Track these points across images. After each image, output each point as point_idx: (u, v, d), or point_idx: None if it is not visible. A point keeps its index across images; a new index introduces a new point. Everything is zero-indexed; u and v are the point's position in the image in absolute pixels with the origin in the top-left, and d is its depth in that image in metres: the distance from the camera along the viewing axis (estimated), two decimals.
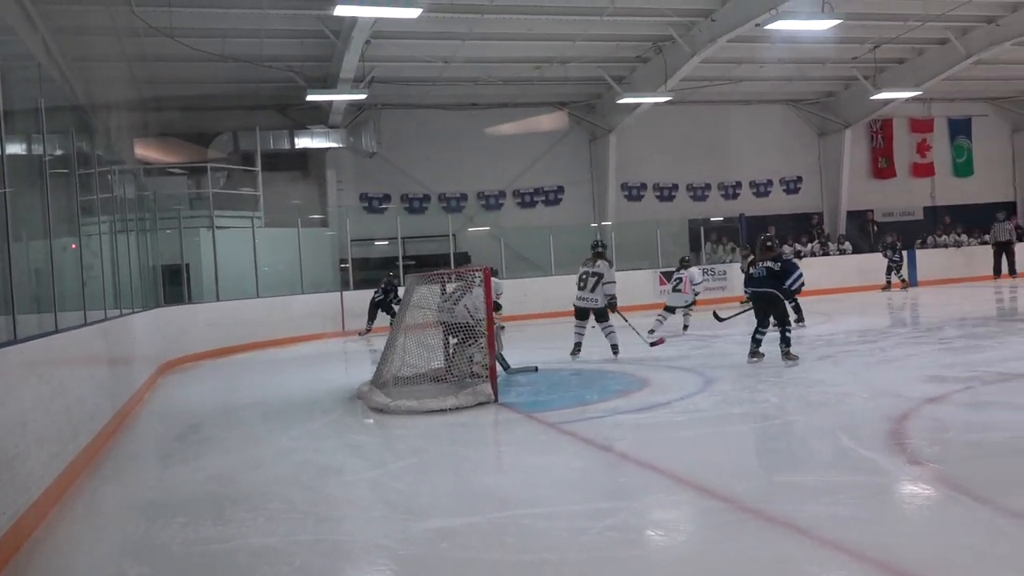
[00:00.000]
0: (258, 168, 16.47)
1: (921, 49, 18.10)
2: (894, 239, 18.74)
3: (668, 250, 18.02)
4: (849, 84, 19.97)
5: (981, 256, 19.86)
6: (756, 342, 8.73)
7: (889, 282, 18.35)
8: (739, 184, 21.08)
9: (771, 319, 8.63)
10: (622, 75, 17.73)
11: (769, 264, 8.56)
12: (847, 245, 19.52)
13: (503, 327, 8.40)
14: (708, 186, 20.85)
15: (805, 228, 20.50)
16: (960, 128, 22.97)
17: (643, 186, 20.41)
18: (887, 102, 19.59)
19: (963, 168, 22.95)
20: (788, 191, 21.49)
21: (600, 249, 10.02)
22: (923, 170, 22.51)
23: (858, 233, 20.93)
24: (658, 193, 20.52)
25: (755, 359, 8.66)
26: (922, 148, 22.53)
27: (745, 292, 8.82)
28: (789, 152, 21.43)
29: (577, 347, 9.88)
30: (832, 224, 21.35)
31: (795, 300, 10.59)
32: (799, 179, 21.53)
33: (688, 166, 20.55)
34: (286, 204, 17.33)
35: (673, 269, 12.86)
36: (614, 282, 9.84)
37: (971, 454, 4.93)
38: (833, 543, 3.64)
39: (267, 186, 16.64)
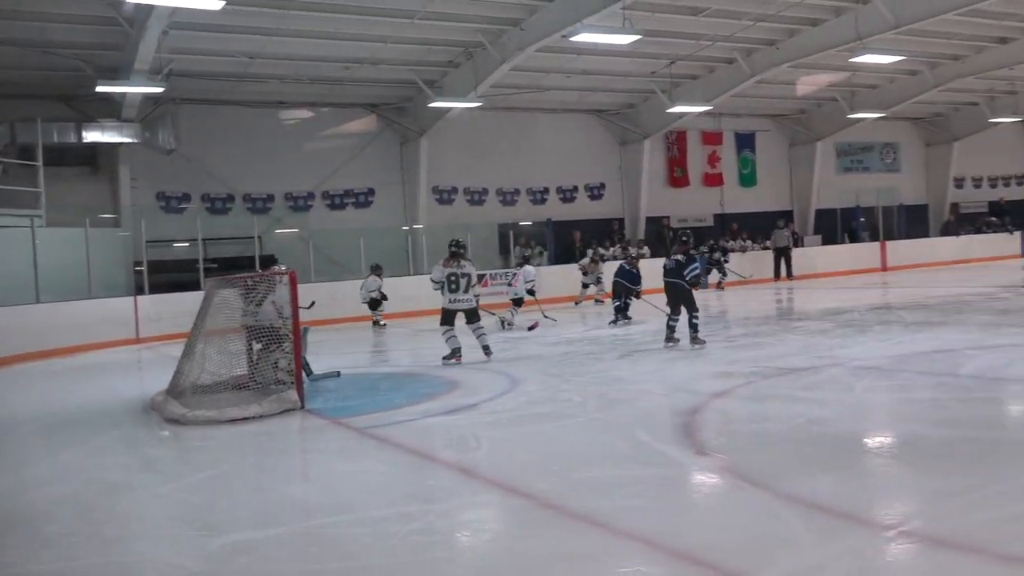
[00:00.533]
0: (39, 163, 15.13)
1: (712, 67, 19.40)
2: (715, 243, 20.02)
3: (479, 254, 18.24)
4: (648, 97, 21.08)
5: (765, 260, 21.56)
6: (671, 328, 9.76)
7: (720, 283, 19.49)
8: (547, 190, 21.72)
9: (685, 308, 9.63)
10: (433, 79, 17.80)
11: (679, 257, 9.66)
12: (646, 250, 20.58)
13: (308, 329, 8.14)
14: (517, 191, 21.33)
15: (608, 233, 21.42)
16: (746, 142, 24.85)
17: (454, 190, 20.58)
18: (682, 115, 20.84)
19: (748, 179, 24.83)
20: (592, 197, 22.37)
21: (459, 249, 9.86)
22: (713, 180, 24.15)
23: (655, 238, 22.15)
24: (468, 197, 20.75)
25: (671, 344, 9.63)
26: (712, 159, 24.16)
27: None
28: (593, 160, 22.32)
29: (457, 352, 9.54)
30: (632, 229, 22.45)
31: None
32: (602, 186, 22.47)
33: (498, 171, 20.93)
34: (73, 202, 16.04)
35: (501, 271, 13.12)
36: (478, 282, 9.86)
37: (752, 443, 5.33)
38: (629, 534, 3.82)
39: (50, 182, 15.31)
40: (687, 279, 9.55)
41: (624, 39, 13.77)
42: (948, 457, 4.75)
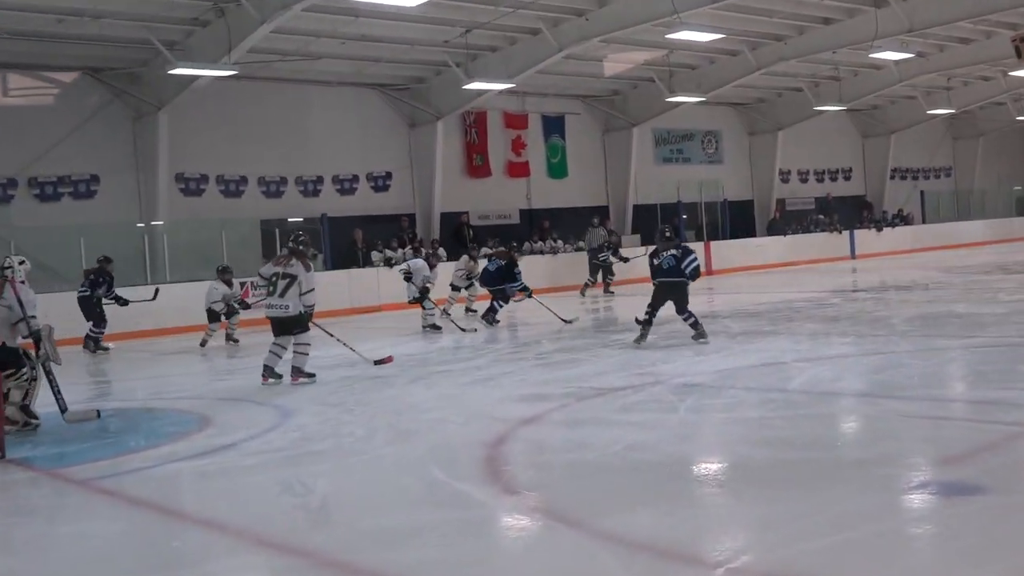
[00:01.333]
0: None
1: (514, 38, 19.94)
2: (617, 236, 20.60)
3: (236, 256, 17.74)
4: (441, 71, 21.34)
5: (581, 263, 22.40)
6: (645, 330, 10.74)
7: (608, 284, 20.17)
8: (320, 179, 21.44)
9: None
10: (175, 39, 17.10)
11: (673, 252, 10.74)
12: (442, 251, 20.83)
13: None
14: (284, 180, 20.92)
15: (396, 231, 21.44)
16: (554, 126, 25.71)
17: (204, 178, 19.88)
18: (480, 93, 21.25)
19: (558, 169, 25.70)
20: (376, 188, 22.33)
21: (299, 245, 9.59)
22: (519, 169, 24.80)
23: (453, 237, 22.44)
24: (223, 187, 20.12)
25: (642, 341, 10.70)
26: (517, 145, 24.80)
27: (653, 283, 10.94)
28: (377, 144, 22.29)
29: (271, 371, 9.48)
30: (425, 227, 22.62)
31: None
32: (388, 175, 22.49)
33: (260, 156, 20.43)
34: None
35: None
36: (313, 289, 9.56)
37: (566, 476, 5.53)
38: None
39: None
40: (688, 273, 10.75)
41: (410, 0, 13.89)
42: (777, 481, 5.12)
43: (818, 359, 9.25)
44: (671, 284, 10.79)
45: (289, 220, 20.28)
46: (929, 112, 30.80)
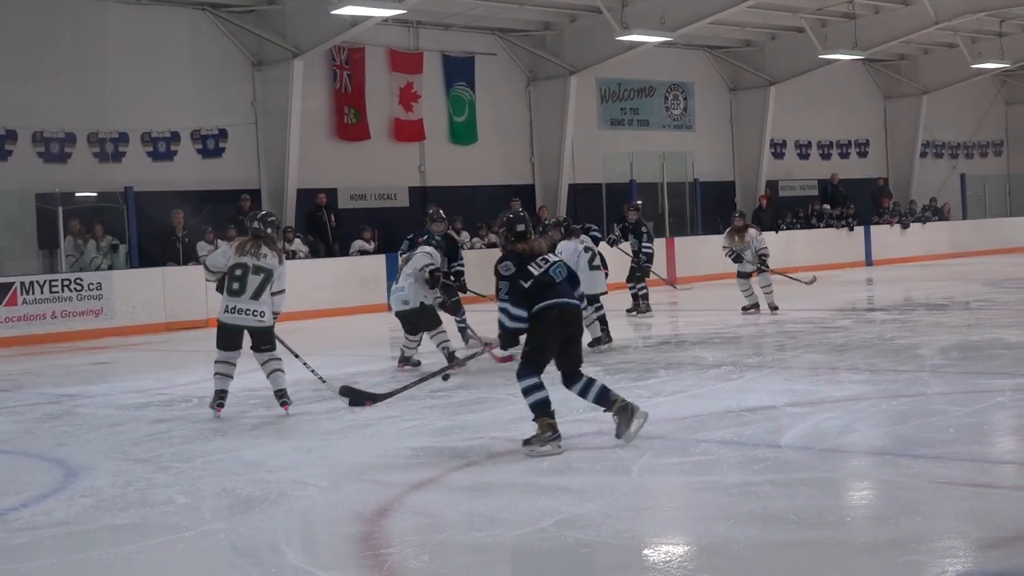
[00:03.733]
0: None
1: None
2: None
3: (2, 241, 17.47)
4: None
5: (491, 261, 22.42)
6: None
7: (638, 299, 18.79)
8: (124, 138, 21.15)
9: None
10: None
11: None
12: (298, 243, 20.73)
13: None
14: (71, 138, 20.58)
15: (232, 214, 21.19)
16: (460, 71, 25.74)
17: None
18: (356, 21, 21.18)
19: (464, 131, 25.74)
20: (205, 153, 22.11)
21: (265, 228, 9.89)
22: (409, 131, 24.76)
23: (311, 224, 22.29)
24: None
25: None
26: (408, 97, 24.80)
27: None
28: (207, 90, 22.03)
29: (218, 398, 9.90)
30: (275, 208, 22.38)
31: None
32: (223, 135, 22.27)
33: (34, 101, 20.07)
34: None
35: None
36: (283, 291, 9.89)
37: (472, 563, 5.57)
38: None
39: None
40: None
41: None
42: (765, 572, 5.24)
43: (820, 403, 9.44)
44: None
45: (77, 195, 19.98)
46: (975, 66, 31.67)
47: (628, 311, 17.68)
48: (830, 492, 6.81)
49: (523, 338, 8.03)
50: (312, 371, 10.52)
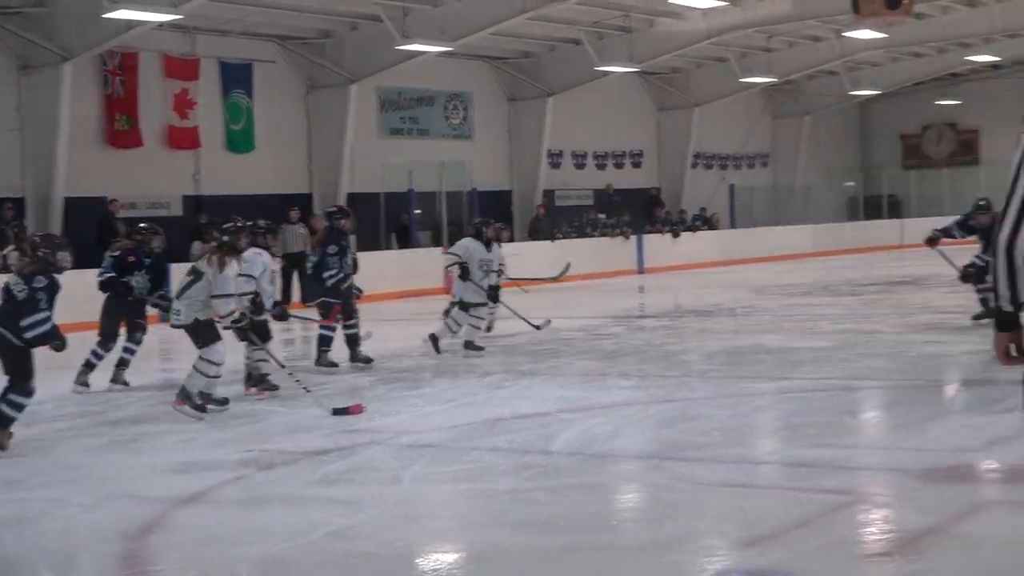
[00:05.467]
0: None
1: None
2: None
3: None
4: None
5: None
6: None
7: None
8: None
9: None
10: None
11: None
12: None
13: None
14: None
15: None
16: (237, 78, 25.33)
17: None
18: (130, 25, 20.66)
19: (241, 140, 25.34)
20: None
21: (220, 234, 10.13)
22: (183, 138, 24.23)
23: (101, 230, 21.58)
24: None
25: None
26: (183, 104, 24.26)
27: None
28: None
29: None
30: (40, 217, 21.64)
31: None
32: None
33: None
34: None
35: None
36: (231, 295, 9.90)
37: None
38: None
39: None
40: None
41: None
42: None
43: (591, 409, 9.63)
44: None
45: None
46: (743, 80, 32.75)
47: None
48: (598, 496, 6.96)
49: None
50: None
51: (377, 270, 24.20)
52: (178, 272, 20.97)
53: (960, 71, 38.52)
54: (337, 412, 9.57)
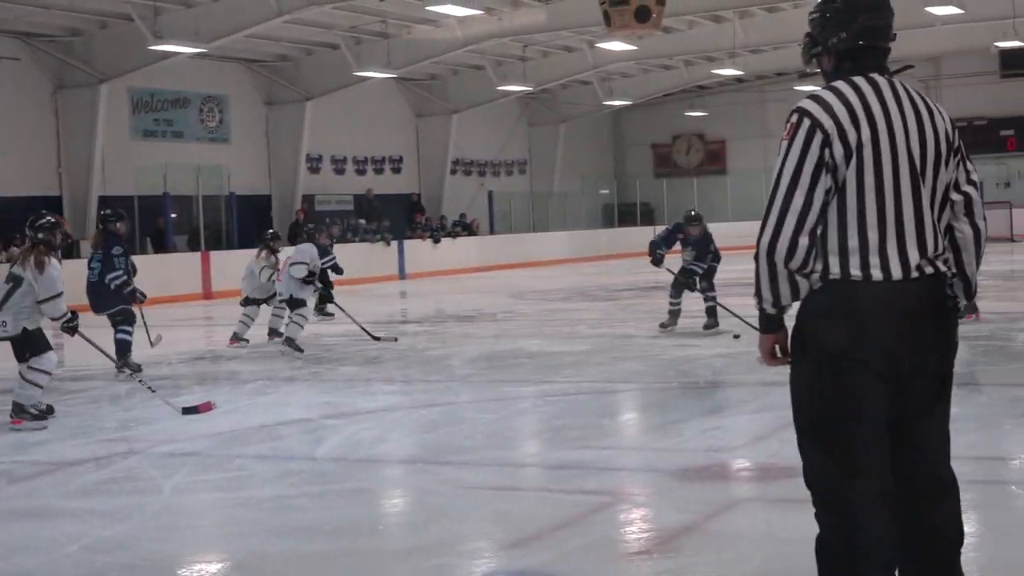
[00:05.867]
0: None
1: None
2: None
3: None
4: None
5: None
6: None
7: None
8: None
9: None
10: None
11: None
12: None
13: None
14: None
15: None
16: None
17: None
18: None
19: None
20: None
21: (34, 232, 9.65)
22: None
23: None
24: None
25: None
26: None
27: None
28: None
29: None
30: None
31: None
32: None
33: None
34: None
35: None
36: (59, 294, 9.38)
37: None
38: None
39: None
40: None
41: None
42: None
43: (355, 414, 9.65)
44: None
45: None
46: (500, 88, 33.23)
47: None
48: (364, 501, 6.97)
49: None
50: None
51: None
52: None
53: (707, 84, 40.01)
54: (187, 411, 9.32)
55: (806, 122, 3.50)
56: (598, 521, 6.24)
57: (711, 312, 14.31)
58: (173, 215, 26.15)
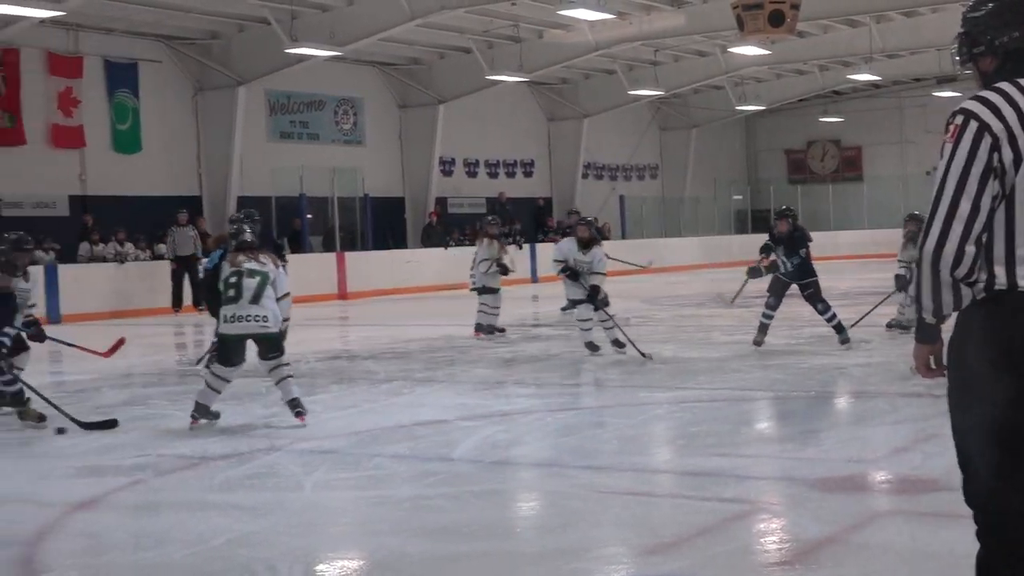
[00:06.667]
0: None
1: None
2: None
3: None
4: None
5: (159, 277, 22.07)
6: None
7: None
8: None
9: None
10: None
11: None
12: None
13: None
14: None
15: None
16: (123, 78, 25.03)
17: None
18: (9, 21, 20.34)
19: (128, 140, 25.04)
20: None
21: (243, 228, 9.39)
22: (68, 137, 23.88)
23: None
24: None
25: None
26: (67, 102, 23.91)
27: None
28: None
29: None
30: None
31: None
32: None
33: None
34: None
35: None
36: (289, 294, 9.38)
37: None
38: None
39: None
40: None
41: None
42: None
43: (490, 416, 9.68)
44: None
45: None
46: (632, 93, 33.13)
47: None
48: (499, 504, 7.01)
49: None
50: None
51: None
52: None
53: (842, 89, 39.40)
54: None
55: (973, 124, 3.40)
56: (736, 529, 6.19)
57: (839, 328, 13.68)
58: (309, 216, 26.54)
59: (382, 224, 28.35)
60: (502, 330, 15.90)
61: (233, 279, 9.14)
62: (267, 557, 5.78)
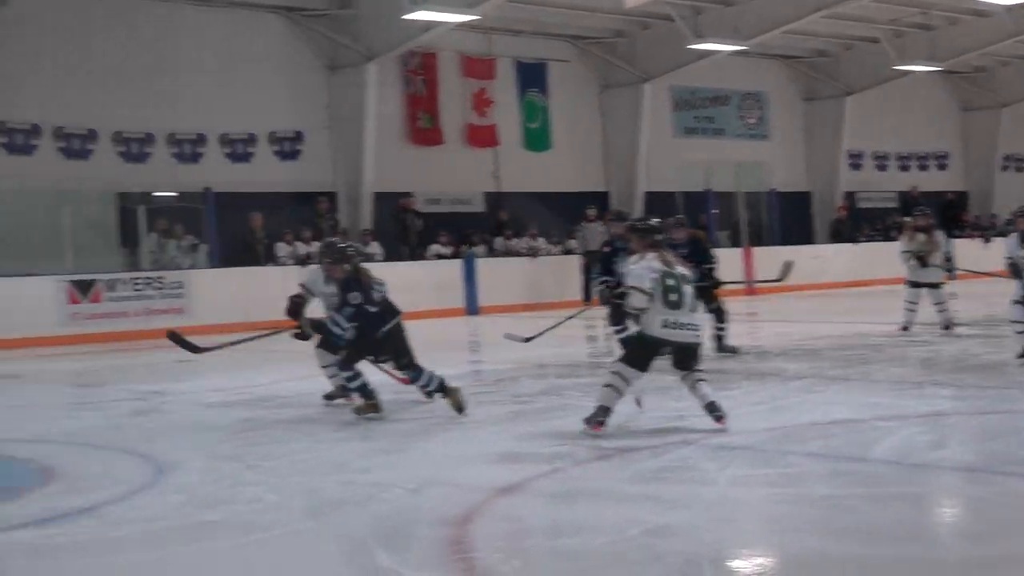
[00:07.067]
0: None
1: None
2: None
3: (84, 244, 17.77)
4: None
5: (569, 271, 22.57)
6: None
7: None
8: (202, 139, 21.39)
9: None
10: None
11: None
12: (375, 245, 20.82)
13: None
14: (150, 138, 20.84)
15: (312, 216, 21.43)
16: (533, 78, 25.81)
17: (36, 130, 19.81)
18: (429, 26, 21.29)
19: (538, 138, 25.79)
20: (283, 155, 22.32)
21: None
22: (482, 136, 24.85)
23: (394, 227, 22.38)
24: (63, 144, 20.05)
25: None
26: (481, 103, 24.87)
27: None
28: (287, 94, 22.27)
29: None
30: (352, 211, 22.56)
31: None
32: (298, 137, 22.46)
33: (115, 102, 20.36)
34: None
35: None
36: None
37: (560, 570, 5.59)
38: None
39: None
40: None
41: None
42: None
43: (907, 417, 9.35)
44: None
45: (156, 194, 20.24)
46: None
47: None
48: (921, 508, 6.79)
49: None
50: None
51: None
52: None
53: None
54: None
55: None
56: None
57: None
58: (715, 211, 26.53)
59: (788, 219, 27.99)
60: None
61: (672, 282, 8.70)
62: (683, 550, 5.79)
